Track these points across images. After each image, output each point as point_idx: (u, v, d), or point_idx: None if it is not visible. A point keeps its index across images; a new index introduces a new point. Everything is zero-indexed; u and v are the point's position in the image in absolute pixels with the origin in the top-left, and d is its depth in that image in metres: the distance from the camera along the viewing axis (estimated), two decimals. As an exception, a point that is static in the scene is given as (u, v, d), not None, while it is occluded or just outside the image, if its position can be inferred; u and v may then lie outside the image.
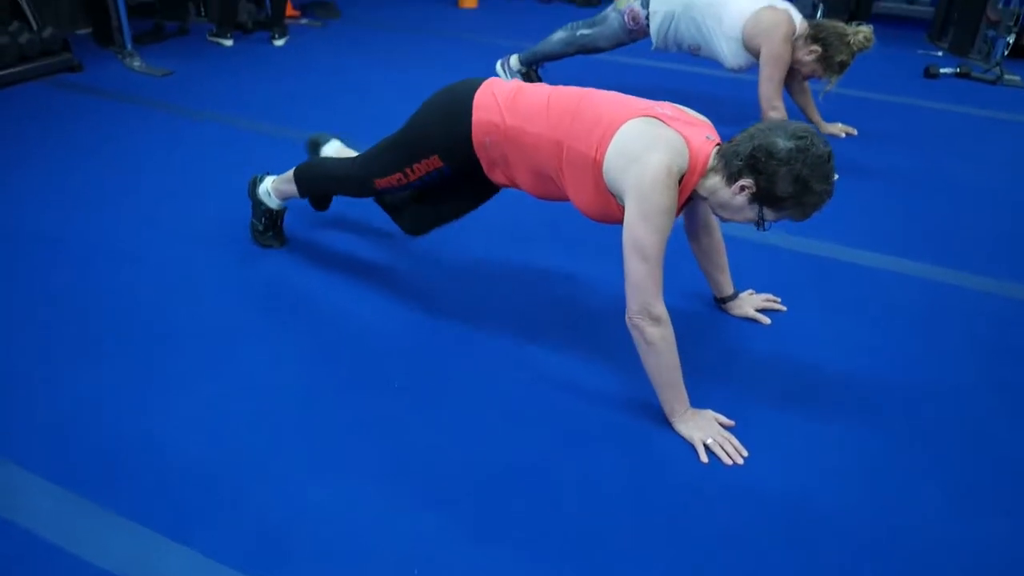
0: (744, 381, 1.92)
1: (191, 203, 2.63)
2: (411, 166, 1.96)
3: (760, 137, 1.60)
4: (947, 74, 4.52)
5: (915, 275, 2.40)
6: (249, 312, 2.09)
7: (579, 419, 1.76)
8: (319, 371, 1.88)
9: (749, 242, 2.54)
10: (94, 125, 3.28)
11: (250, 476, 1.56)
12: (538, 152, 1.80)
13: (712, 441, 1.69)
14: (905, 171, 3.17)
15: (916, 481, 1.64)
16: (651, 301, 1.64)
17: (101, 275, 2.20)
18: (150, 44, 4.43)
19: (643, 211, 1.62)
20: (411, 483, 1.57)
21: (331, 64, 4.31)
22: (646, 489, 1.58)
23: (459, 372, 1.90)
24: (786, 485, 1.61)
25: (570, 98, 1.79)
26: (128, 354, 1.89)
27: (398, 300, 2.17)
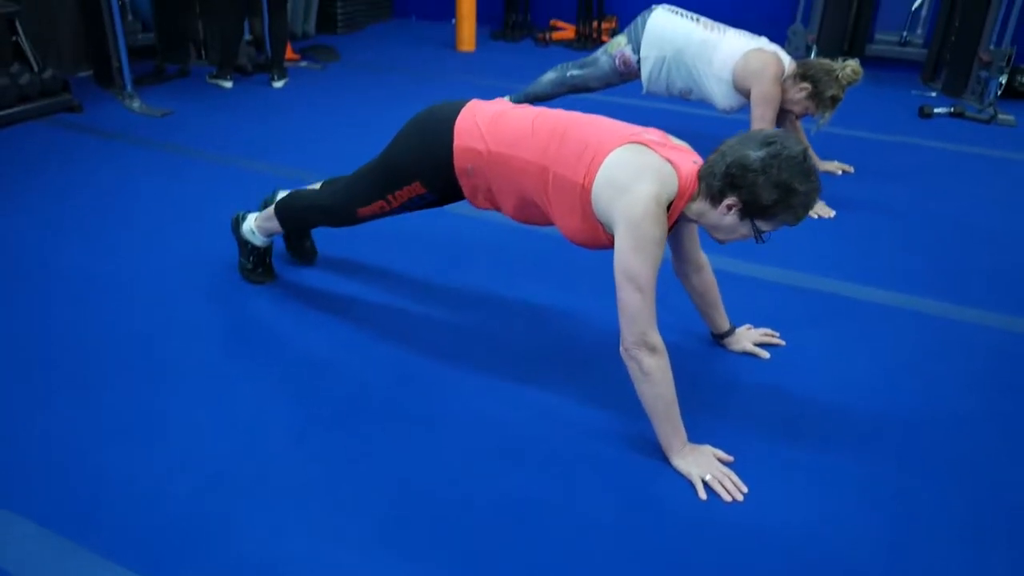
0: (743, 416, 1.88)
1: (185, 240, 2.62)
2: (392, 193, 1.96)
3: (731, 153, 1.60)
4: (941, 114, 4.55)
5: (913, 309, 2.38)
6: (239, 348, 2.06)
7: (573, 455, 1.72)
8: (307, 407, 1.85)
9: (744, 277, 2.53)
10: (90, 162, 3.29)
11: (236, 514, 1.52)
12: (523, 178, 1.80)
13: (711, 477, 1.65)
14: (901, 207, 3.17)
15: (920, 516, 1.59)
16: (647, 331, 1.62)
17: (93, 311, 2.18)
18: (151, 86, 4.47)
19: (635, 242, 1.61)
20: (400, 521, 1.53)
21: (329, 104, 4.35)
22: (643, 527, 1.54)
23: (449, 407, 1.86)
24: (787, 522, 1.56)
25: (555, 122, 1.79)
26: (115, 391, 1.86)
27: (388, 335, 2.14)
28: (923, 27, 5.50)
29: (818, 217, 3.04)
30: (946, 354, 2.17)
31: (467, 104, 1.90)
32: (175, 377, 1.91)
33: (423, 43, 6.05)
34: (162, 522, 1.49)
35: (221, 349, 2.04)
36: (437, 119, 1.90)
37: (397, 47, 5.89)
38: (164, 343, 2.05)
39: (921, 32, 5.51)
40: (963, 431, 1.85)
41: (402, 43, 6.04)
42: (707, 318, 2.12)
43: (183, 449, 1.68)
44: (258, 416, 1.80)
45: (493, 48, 6.04)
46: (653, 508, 1.59)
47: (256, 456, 1.67)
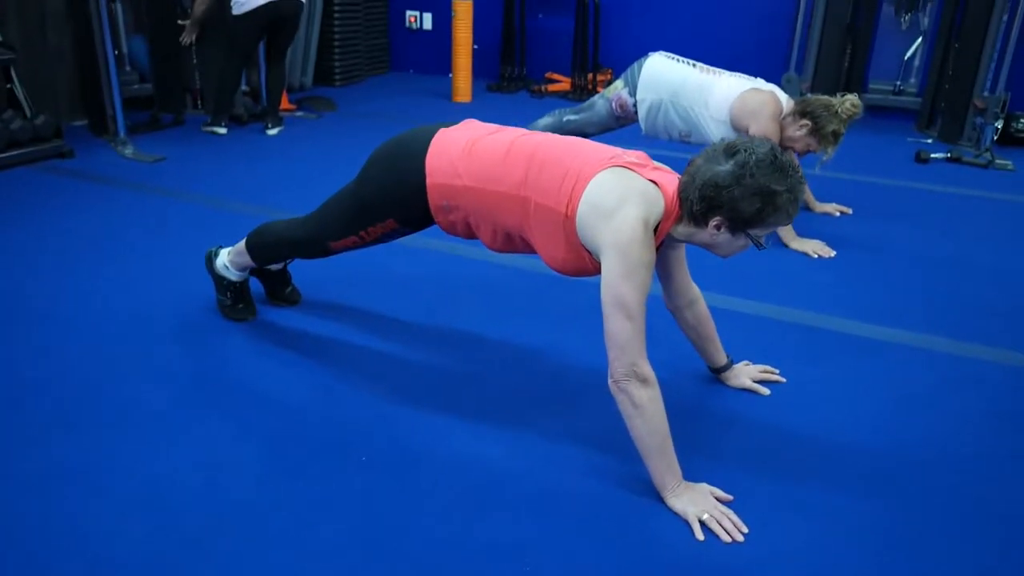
0: (742, 454, 1.78)
1: (168, 280, 2.55)
2: (366, 229, 1.92)
3: (700, 174, 1.54)
4: (938, 159, 4.53)
5: (916, 346, 2.29)
6: (209, 389, 1.97)
7: (560, 496, 1.62)
8: (276, 451, 1.75)
9: (742, 314, 2.45)
10: (75, 204, 3.25)
11: (187, 565, 1.41)
12: (502, 210, 1.73)
13: (708, 517, 1.54)
14: (902, 247, 3.10)
15: (931, 558, 1.48)
16: (637, 361, 1.54)
17: (62, 352, 2.10)
18: (145, 134, 4.47)
19: (624, 268, 1.53)
20: (378, 563, 1.42)
21: (322, 150, 4.34)
22: (636, 570, 1.43)
23: (428, 449, 1.76)
24: (790, 564, 1.45)
25: (532, 149, 1.72)
26: (70, 435, 1.76)
27: (365, 376, 2.05)
28: (916, 76, 5.53)
29: (818, 257, 2.97)
30: (953, 390, 2.07)
31: (435, 135, 1.82)
32: (137, 420, 1.82)
33: (420, 95, 6.09)
34: (108, 571, 1.38)
35: (190, 391, 1.95)
36: (407, 154, 1.82)
37: (394, 98, 5.92)
38: (132, 385, 1.96)
39: (915, 81, 5.54)
40: (974, 469, 1.75)
41: (399, 95, 6.08)
42: (703, 353, 2.03)
43: (136, 495, 1.58)
44: (221, 461, 1.70)
45: (489, 99, 6.08)
46: (647, 550, 1.48)
47: (215, 503, 1.57)
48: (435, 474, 1.67)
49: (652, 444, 1.57)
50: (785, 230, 3.06)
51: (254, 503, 1.56)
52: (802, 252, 3.01)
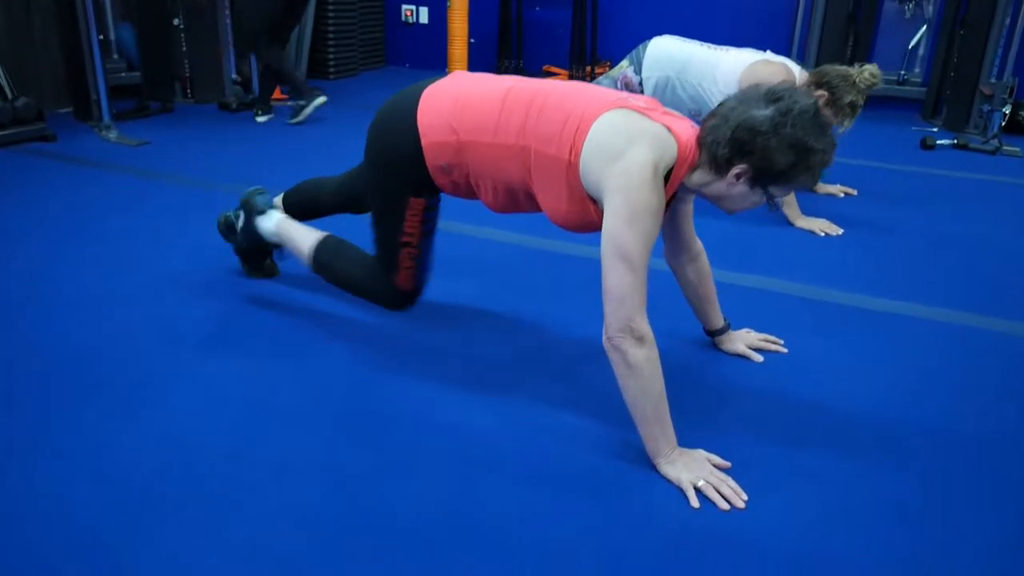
0: (740, 423, 1.66)
1: (147, 255, 2.44)
2: (400, 226, 1.76)
3: (735, 115, 1.41)
4: (944, 146, 4.42)
5: (926, 318, 2.17)
6: (185, 356, 1.86)
7: (544, 462, 1.50)
8: (253, 415, 1.63)
9: (746, 288, 2.33)
10: (54, 184, 3.14)
11: (153, 530, 1.29)
12: (500, 164, 1.61)
13: (704, 483, 1.42)
14: (910, 226, 2.98)
15: (943, 527, 1.36)
16: (635, 317, 1.41)
17: (30, 323, 1.98)
18: (131, 120, 4.36)
19: (629, 214, 1.41)
20: (350, 528, 1.30)
21: (308, 134, 4.23)
22: (625, 540, 1.30)
23: (416, 418, 1.64)
24: (792, 532, 1.33)
25: (530, 95, 1.60)
26: (35, 404, 1.65)
27: (353, 344, 1.94)
28: (921, 65, 5.42)
29: (824, 235, 2.86)
30: (966, 361, 1.95)
31: (423, 92, 1.69)
32: (105, 388, 1.70)
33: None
34: (66, 539, 1.26)
35: (167, 358, 1.84)
36: (398, 117, 1.70)
37: (387, 89, 5.80)
38: (106, 355, 1.84)
39: (919, 70, 5.43)
40: (992, 440, 1.63)
41: (393, 86, 5.95)
42: (700, 313, 1.91)
43: (95, 465, 1.46)
44: (197, 426, 1.58)
45: (486, 92, 5.98)
46: (636, 519, 1.35)
47: (189, 459, 1.45)
48: (421, 441, 1.55)
49: (646, 408, 1.45)
50: (791, 208, 2.94)
51: (222, 471, 1.44)
52: (808, 230, 2.89)
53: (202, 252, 2.44)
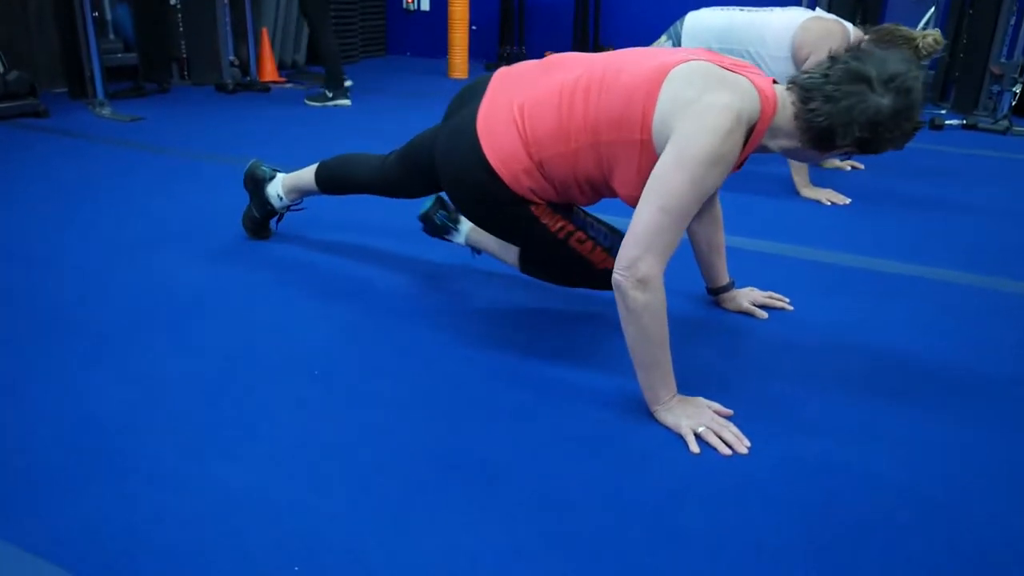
0: (742, 377, 1.58)
1: (138, 218, 2.38)
2: (548, 232, 1.58)
3: (854, 100, 1.30)
4: (953, 126, 4.33)
5: (938, 279, 2.09)
6: (171, 313, 1.78)
7: (531, 412, 1.42)
8: (232, 364, 1.56)
9: (749, 251, 2.25)
10: (43, 154, 3.08)
11: (133, 460, 1.22)
12: (579, 165, 1.47)
13: (705, 429, 1.34)
14: (918, 196, 2.90)
15: (947, 470, 1.27)
16: (647, 257, 1.29)
17: (19, 277, 1.92)
18: (126, 99, 4.30)
19: (689, 155, 1.28)
20: (334, 472, 1.22)
21: (305, 113, 4.16)
22: (623, 488, 1.22)
23: (396, 366, 1.57)
24: (799, 481, 1.25)
25: (584, 84, 1.44)
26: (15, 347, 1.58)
27: (341, 298, 1.86)
28: (929, 48, 5.33)
29: (831, 204, 2.77)
30: (981, 318, 1.87)
31: (477, 122, 1.51)
32: (83, 340, 1.63)
33: (415, 73, 5.93)
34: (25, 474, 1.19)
35: (142, 313, 1.77)
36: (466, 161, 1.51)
37: (388, 75, 5.76)
38: (89, 307, 1.77)
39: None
40: (1009, 391, 1.54)
41: (394, 72, 5.92)
42: (707, 266, 1.82)
43: (66, 411, 1.39)
44: (174, 367, 1.51)
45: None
46: (632, 467, 1.27)
47: (163, 403, 1.38)
48: (403, 387, 1.47)
49: (645, 353, 1.36)
50: (800, 177, 2.85)
51: (190, 415, 1.37)
52: (815, 199, 2.80)
53: (190, 216, 2.37)
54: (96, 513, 1.11)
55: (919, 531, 1.14)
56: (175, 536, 1.07)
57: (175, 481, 1.18)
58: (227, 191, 2.59)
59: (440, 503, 1.16)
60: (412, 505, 1.15)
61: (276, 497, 1.16)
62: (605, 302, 1.84)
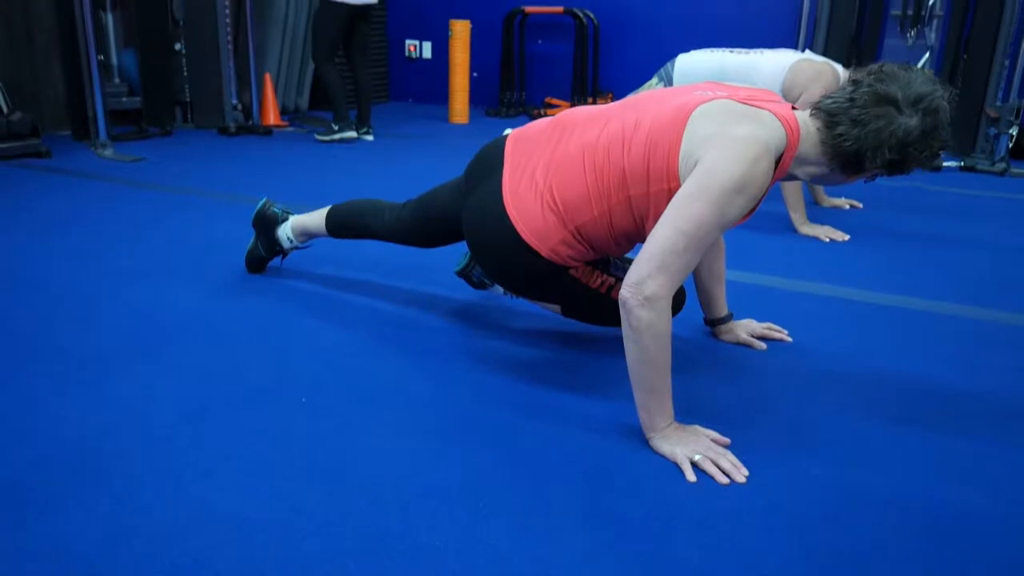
0: (741, 406, 1.54)
1: (128, 251, 2.37)
2: (589, 290, 1.61)
3: (882, 123, 1.29)
4: (951, 167, 4.34)
5: (938, 312, 2.06)
6: (151, 334, 1.76)
7: (521, 435, 1.39)
8: (213, 385, 1.53)
9: (748, 285, 2.23)
10: (41, 190, 3.09)
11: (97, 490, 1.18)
12: (616, 223, 1.46)
13: (702, 457, 1.30)
14: (917, 232, 2.88)
15: (945, 498, 1.23)
16: (658, 276, 1.27)
17: (5, 301, 1.90)
18: (129, 141, 4.34)
19: (714, 182, 1.26)
20: (316, 495, 1.18)
21: (306, 152, 4.19)
22: (613, 512, 1.18)
23: (384, 392, 1.54)
24: (796, 510, 1.21)
25: (606, 143, 1.43)
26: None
27: (329, 323, 1.84)
28: (925, 93, 5.38)
29: (830, 240, 2.76)
30: (980, 349, 1.83)
31: (503, 197, 1.50)
32: (69, 364, 1.61)
33: (417, 118, 5.98)
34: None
35: (125, 337, 1.74)
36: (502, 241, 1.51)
37: (391, 119, 5.81)
38: (71, 332, 1.75)
39: (923, 99, 5.39)
40: (1001, 415, 1.50)
41: (396, 116, 5.98)
42: (706, 296, 1.80)
43: (50, 432, 1.36)
44: (158, 393, 1.48)
45: (487, 123, 5.95)
46: (625, 493, 1.23)
47: (141, 430, 1.35)
48: (393, 412, 1.44)
49: (643, 376, 1.32)
50: (798, 215, 2.85)
51: (171, 439, 1.33)
52: (813, 236, 2.79)
53: (183, 247, 2.36)
54: (69, 532, 1.07)
55: (922, 555, 1.09)
56: (148, 556, 1.03)
57: (150, 502, 1.15)
58: (222, 225, 2.59)
59: (425, 527, 1.12)
60: (396, 529, 1.11)
61: (255, 518, 1.12)
62: (607, 329, 1.82)
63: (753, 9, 5.70)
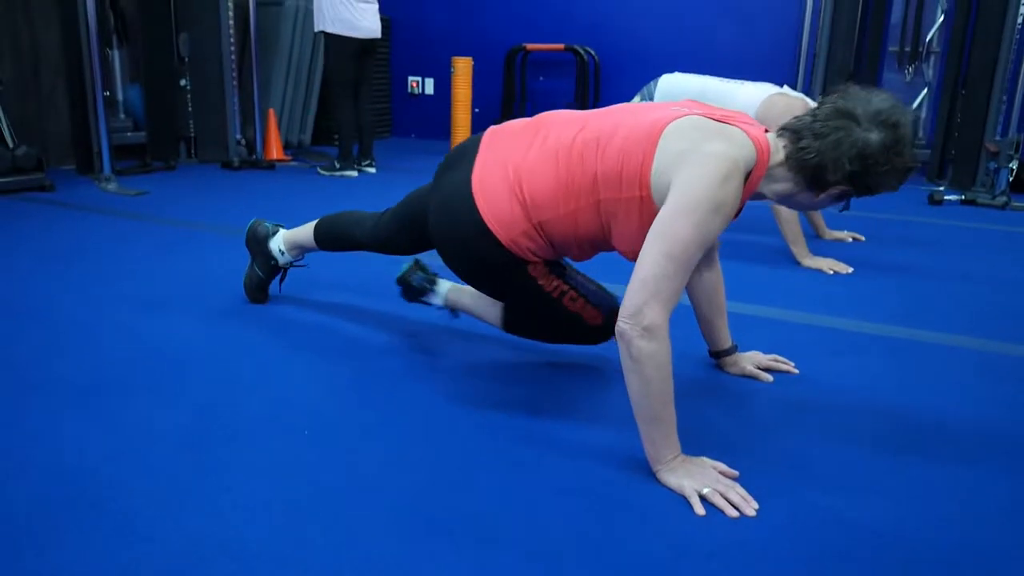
0: (747, 439, 1.52)
1: (131, 280, 2.36)
2: (542, 292, 1.59)
3: (841, 138, 1.31)
4: (952, 201, 4.35)
5: (945, 344, 2.04)
6: (152, 364, 1.74)
7: (524, 467, 1.37)
8: (211, 417, 1.51)
9: (751, 317, 2.21)
10: (44, 222, 3.09)
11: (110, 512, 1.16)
12: (580, 225, 1.47)
13: (710, 490, 1.27)
14: (921, 265, 2.88)
15: (952, 531, 1.21)
16: (653, 304, 1.26)
17: (7, 331, 1.89)
18: (133, 175, 4.36)
19: (690, 201, 1.28)
20: (316, 527, 1.16)
21: (312, 185, 4.20)
22: (619, 544, 1.16)
23: (386, 424, 1.52)
24: (807, 543, 1.18)
25: (581, 144, 1.45)
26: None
27: (325, 356, 1.82)
28: (924, 127, 5.42)
29: (833, 272, 2.75)
30: (990, 382, 1.81)
31: (472, 183, 1.51)
32: (68, 394, 1.59)
33: (419, 153, 6.02)
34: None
35: (140, 368, 1.73)
36: (462, 224, 1.52)
37: (393, 154, 5.85)
38: (67, 362, 1.73)
39: (922, 133, 5.43)
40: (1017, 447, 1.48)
41: (398, 151, 6.02)
42: (709, 328, 1.79)
43: (55, 464, 1.34)
44: (155, 424, 1.46)
45: (490, 158, 6.01)
46: (632, 525, 1.21)
47: (140, 460, 1.32)
48: (392, 445, 1.42)
49: (646, 408, 1.31)
50: (799, 248, 2.85)
51: (170, 471, 1.31)
52: (816, 269, 2.79)
53: (185, 279, 2.36)
54: (67, 566, 1.05)
55: (941, 595, 1.07)
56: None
57: (150, 534, 1.12)
58: (225, 257, 2.58)
59: (428, 560, 1.09)
60: (399, 561, 1.09)
61: (255, 551, 1.09)
62: (599, 357, 1.80)
63: (752, 45, 5.76)
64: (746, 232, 3.26)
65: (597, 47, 6.09)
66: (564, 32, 6.21)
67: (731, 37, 5.82)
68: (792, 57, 5.63)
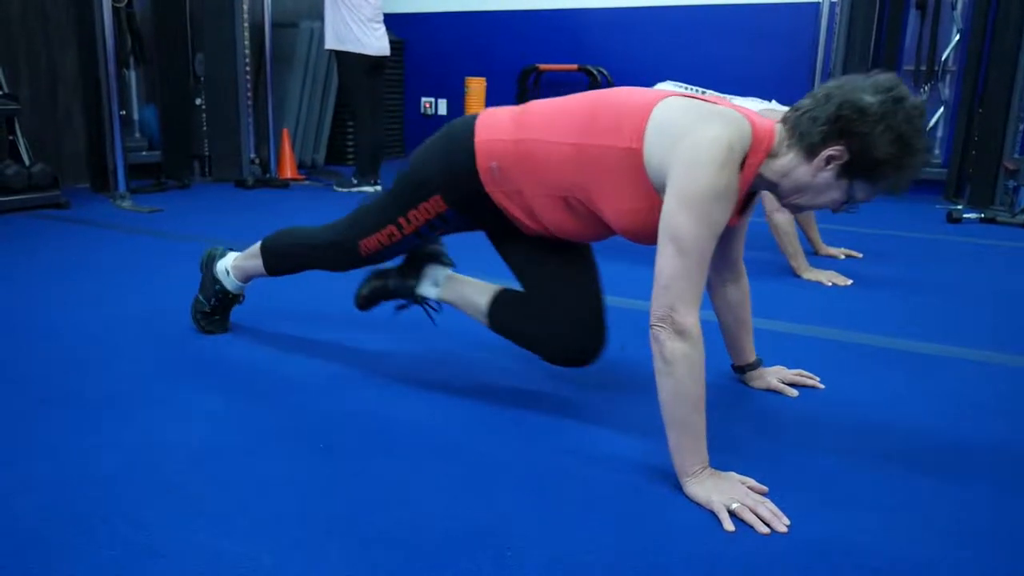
0: (774, 454, 1.48)
1: (136, 296, 2.34)
2: (406, 213, 1.58)
3: (840, 94, 1.28)
4: (970, 219, 4.30)
5: (965, 358, 1.99)
6: (161, 379, 1.72)
7: (547, 477, 1.33)
8: (225, 431, 1.48)
9: (766, 331, 2.17)
10: (59, 238, 3.10)
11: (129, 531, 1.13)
12: (556, 166, 1.45)
13: (740, 506, 1.23)
14: (932, 280, 2.83)
15: (986, 547, 1.16)
16: (678, 306, 1.25)
17: (18, 347, 1.87)
18: (148, 193, 4.37)
19: (690, 193, 1.26)
20: (333, 543, 1.12)
21: (324, 201, 4.20)
22: (645, 557, 1.11)
23: (402, 440, 1.48)
24: (841, 560, 1.13)
25: (584, 100, 1.49)
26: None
27: (331, 365, 1.79)
28: (940, 146, 5.38)
29: (833, 285, 2.72)
30: (1006, 395, 1.76)
31: (480, 113, 1.58)
32: (82, 405, 1.57)
33: (433, 173, 6.03)
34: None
35: (152, 383, 1.70)
36: (456, 125, 1.58)
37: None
38: (83, 374, 1.71)
39: (939, 152, 5.39)
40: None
41: (411, 173, 6.03)
42: (734, 342, 1.75)
43: (63, 474, 1.31)
44: (170, 439, 1.43)
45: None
46: (658, 540, 1.17)
47: (153, 476, 1.29)
48: (409, 462, 1.38)
49: (677, 412, 1.27)
50: (799, 261, 2.82)
51: (181, 484, 1.28)
52: (816, 281, 2.76)
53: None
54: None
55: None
56: (156, 611, 0.97)
57: (161, 549, 1.09)
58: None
59: (447, 572, 1.05)
60: (418, 575, 1.05)
61: (269, 566, 1.06)
62: (626, 368, 1.76)
63: (767, 64, 5.76)
64: (744, 248, 3.22)
65: (610, 67, 6.09)
66: (577, 52, 6.23)
67: (745, 56, 5.82)
68: (807, 76, 5.61)
